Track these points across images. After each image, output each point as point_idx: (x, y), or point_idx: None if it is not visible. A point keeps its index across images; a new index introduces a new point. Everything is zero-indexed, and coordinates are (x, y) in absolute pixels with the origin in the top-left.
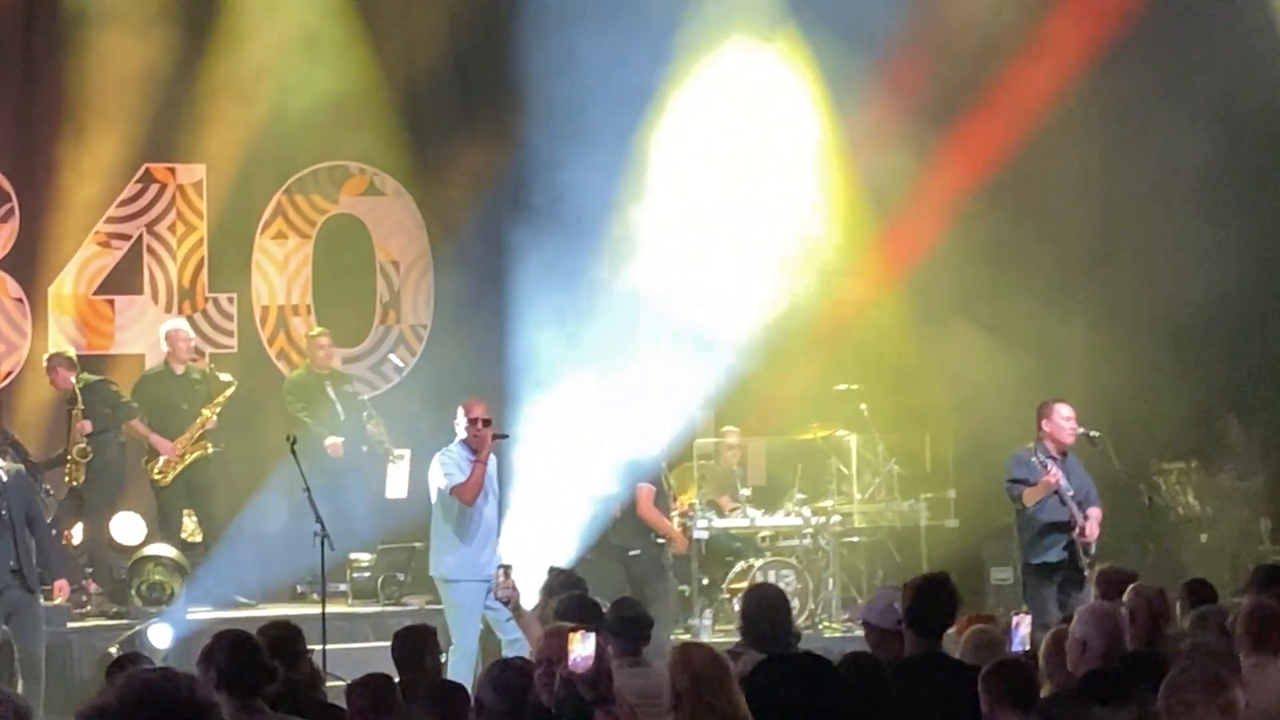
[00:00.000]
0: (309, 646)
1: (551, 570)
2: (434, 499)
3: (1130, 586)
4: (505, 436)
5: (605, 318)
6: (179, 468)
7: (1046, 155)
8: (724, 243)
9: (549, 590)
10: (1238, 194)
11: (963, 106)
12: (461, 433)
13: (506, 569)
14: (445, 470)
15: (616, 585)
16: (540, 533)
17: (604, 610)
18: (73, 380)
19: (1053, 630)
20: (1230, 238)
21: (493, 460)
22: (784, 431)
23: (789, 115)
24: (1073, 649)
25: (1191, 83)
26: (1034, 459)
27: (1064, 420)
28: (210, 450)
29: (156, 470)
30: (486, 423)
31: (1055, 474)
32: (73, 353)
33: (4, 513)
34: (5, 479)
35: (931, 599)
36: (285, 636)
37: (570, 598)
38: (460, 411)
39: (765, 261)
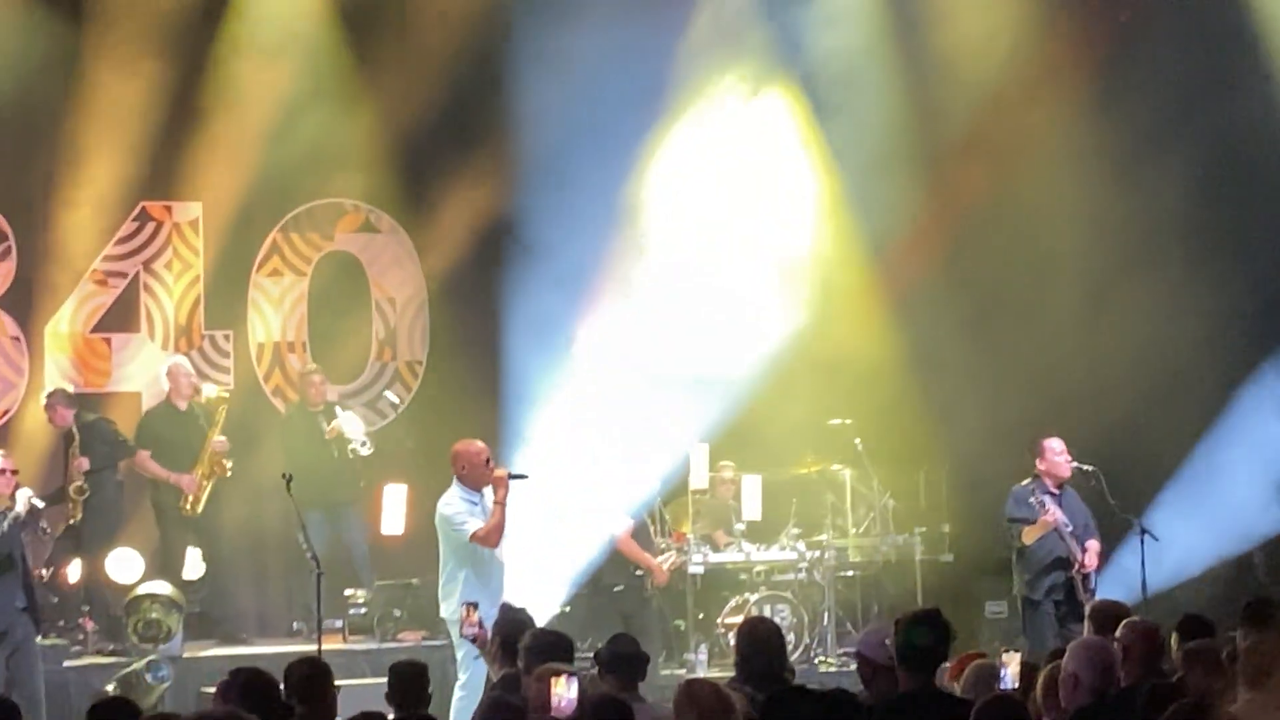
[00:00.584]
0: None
1: (502, 607)
2: (443, 544)
3: (1124, 621)
4: (525, 477)
5: (600, 354)
6: (205, 495)
7: (1038, 193)
8: (719, 280)
9: (497, 627)
10: (1227, 232)
11: (956, 143)
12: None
13: (471, 606)
14: (457, 522)
15: (608, 622)
16: (536, 571)
17: (571, 644)
18: (71, 417)
19: (1047, 666)
20: (1220, 276)
21: (487, 503)
22: (779, 466)
23: (780, 155)
24: (1065, 684)
25: (1182, 122)
26: (1032, 498)
27: (1057, 456)
28: (229, 467)
29: (187, 506)
30: (486, 461)
31: (1053, 513)
32: (71, 389)
33: (15, 551)
34: (22, 515)
35: (922, 634)
36: (313, 674)
37: (537, 635)
38: (458, 455)
39: (760, 298)
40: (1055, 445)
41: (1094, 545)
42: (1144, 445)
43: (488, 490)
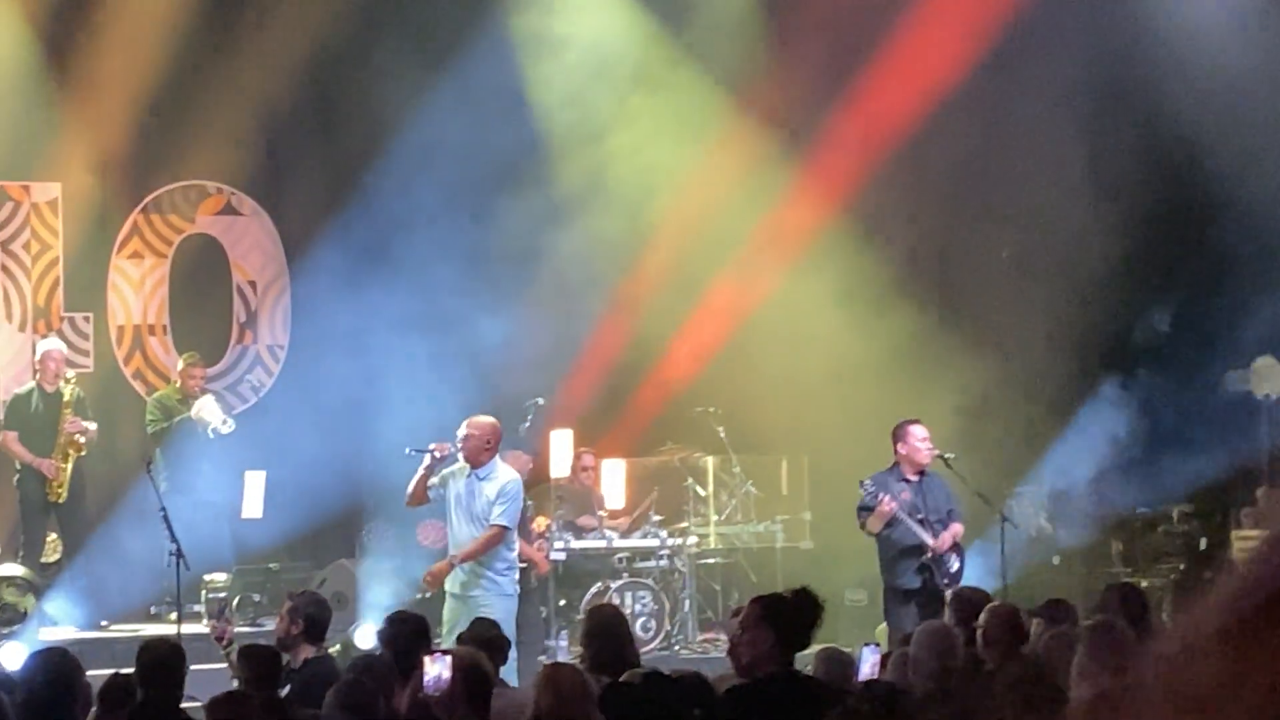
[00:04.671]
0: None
1: (296, 593)
2: None
3: (986, 606)
4: (423, 451)
5: (463, 337)
6: (67, 478)
7: (909, 179)
8: (584, 264)
9: (294, 610)
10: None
11: (823, 126)
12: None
13: (223, 605)
14: None
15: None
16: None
17: (428, 627)
18: None
19: (895, 653)
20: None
21: (473, 483)
22: (641, 453)
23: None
24: (907, 667)
25: (1066, 87)
26: (869, 486)
27: (919, 442)
28: (83, 444)
29: (52, 492)
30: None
31: (889, 503)
32: None
33: None
34: None
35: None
36: (164, 657)
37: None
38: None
39: (624, 285)
40: (918, 431)
41: (955, 528)
42: (1004, 433)
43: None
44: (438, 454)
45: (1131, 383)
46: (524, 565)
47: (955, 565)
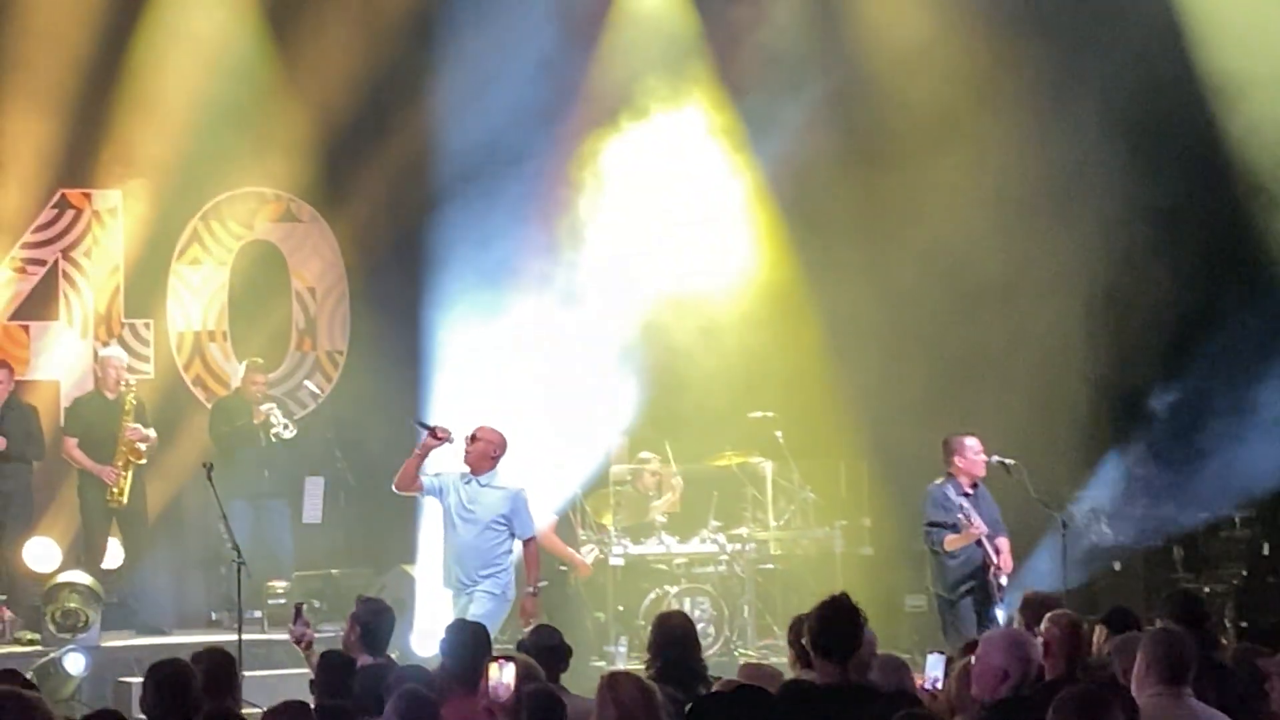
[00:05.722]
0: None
1: (359, 599)
2: None
3: (1046, 615)
4: (425, 427)
5: (522, 346)
6: (127, 484)
7: (959, 192)
8: (641, 275)
9: (354, 617)
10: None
11: (880, 147)
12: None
13: (300, 607)
14: None
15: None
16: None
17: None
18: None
19: (961, 662)
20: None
21: (475, 489)
22: (699, 459)
23: (707, 155)
24: (985, 676)
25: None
26: (955, 504)
27: (975, 455)
28: (144, 452)
29: (112, 499)
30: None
31: (979, 525)
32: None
33: None
34: None
35: (834, 624)
36: (220, 664)
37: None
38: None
39: (681, 292)
40: (973, 444)
41: (1004, 544)
42: (1065, 439)
43: (489, 474)
44: (440, 435)
45: (1187, 387)
46: (564, 569)
47: (1004, 579)
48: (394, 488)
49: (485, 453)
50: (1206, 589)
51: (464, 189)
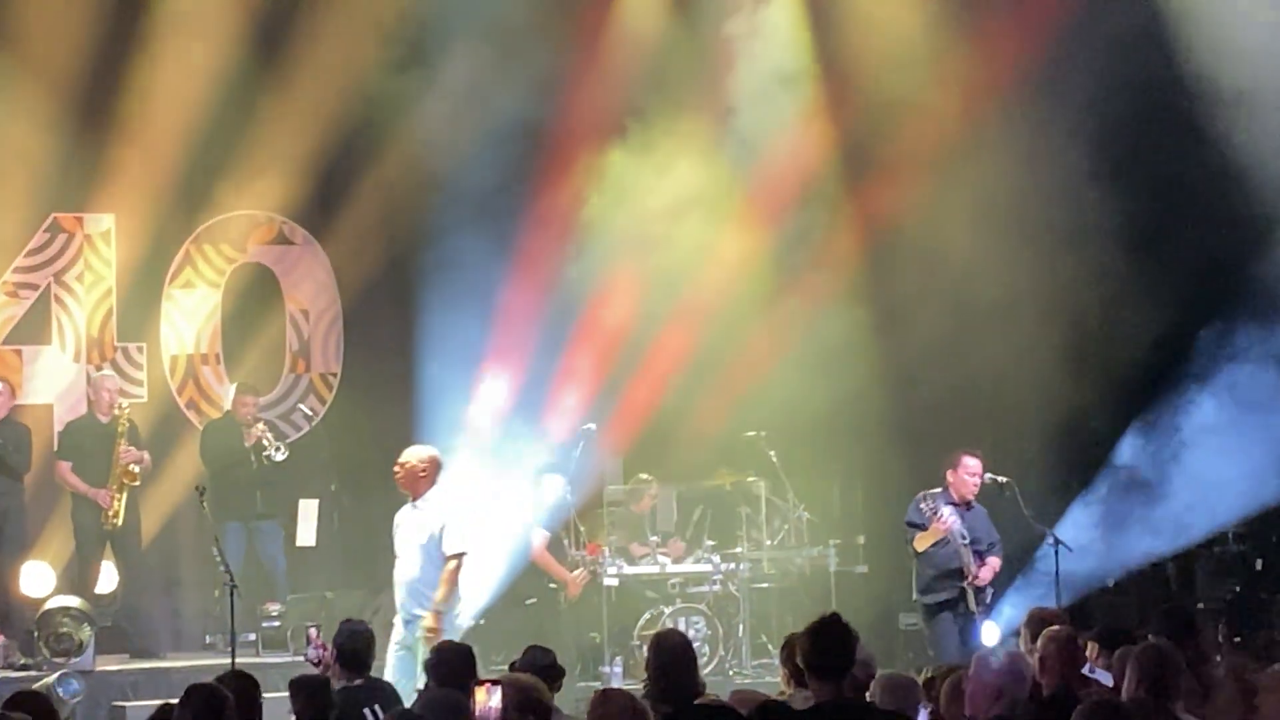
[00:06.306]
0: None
1: (343, 622)
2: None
3: (1043, 631)
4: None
5: (513, 364)
6: (121, 508)
7: (951, 207)
8: (632, 291)
9: (335, 640)
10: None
11: (865, 165)
12: None
13: (317, 628)
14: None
15: (518, 634)
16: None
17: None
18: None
19: (951, 677)
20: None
21: (409, 513)
22: (692, 478)
23: (701, 174)
24: (980, 695)
25: (1088, 128)
26: (924, 504)
27: (969, 475)
28: (137, 474)
29: (107, 522)
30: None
31: (946, 522)
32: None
33: None
34: None
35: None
36: (245, 688)
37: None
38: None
39: (673, 310)
40: (971, 464)
41: (994, 562)
42: (1058, 458)
43: (424, 497)
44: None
45: (1184, 399)
46: (554, 586)
47: (989, 596)
48: None
49: (413, 474)
50: (1200, 605)
51: (457, 212)
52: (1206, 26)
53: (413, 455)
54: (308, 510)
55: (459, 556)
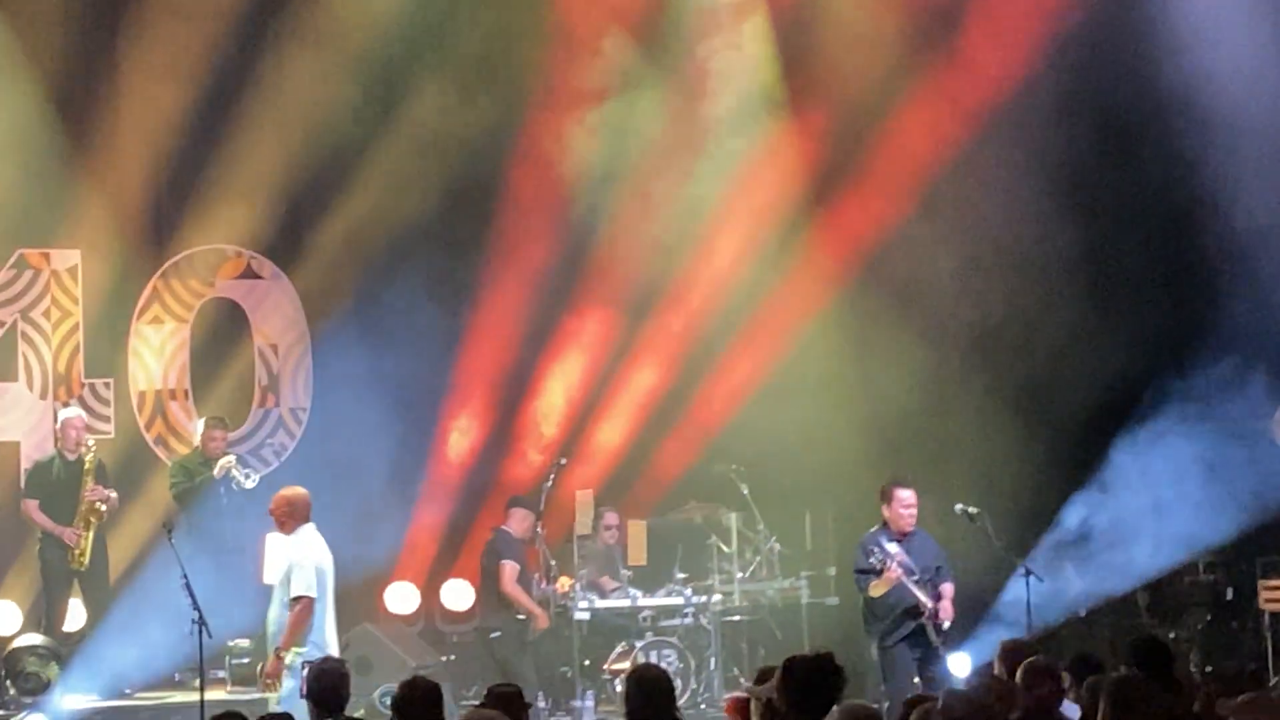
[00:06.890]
0: None
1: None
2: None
3: (1022, 663)
4: None
5: (484, 397)
6: (88, 545)
7: (928, 231)
8: (604, 324)
9: (305, 681)
10: (1125, 270)
11: (836, 191)
12: None
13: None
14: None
15: (486, 668)
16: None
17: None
18: None
19: (920, 708)
20: (1109, 321)
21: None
22: (664, 511)
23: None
24: None
25: (1067, 165)
26: (873, 556)
27: (904, 509)
28: (104, 512)
29: (74, 560)
30: None
31: (895, 571)
32: None
33: None
34: None
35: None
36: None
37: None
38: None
39: (643, 345)
40: (904, 496)
41: (948, 590)
42: (1028, 487)
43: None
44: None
45: (1152, 432)
46: (522, 618)
47: (947, 624)
48: None
49: (278, 514)
50: (1171, 635)
51: (425, 243)
52: (1178, 53)
53: (277, 496)
54: (275, 545)
55: (306, 599)
